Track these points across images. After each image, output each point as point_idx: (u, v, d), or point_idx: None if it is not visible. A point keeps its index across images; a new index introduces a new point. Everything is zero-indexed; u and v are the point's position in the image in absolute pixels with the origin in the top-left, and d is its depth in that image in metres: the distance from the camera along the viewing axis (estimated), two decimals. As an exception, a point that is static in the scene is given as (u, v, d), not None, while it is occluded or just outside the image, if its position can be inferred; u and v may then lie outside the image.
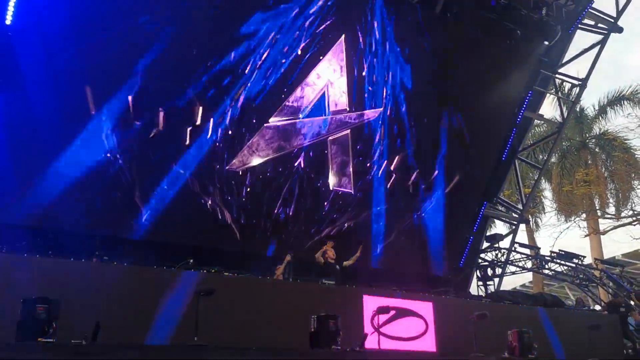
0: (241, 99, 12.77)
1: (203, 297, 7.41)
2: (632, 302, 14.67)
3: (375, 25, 14.54)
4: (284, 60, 13.24)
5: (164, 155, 11.92)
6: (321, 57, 13.85)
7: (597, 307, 18.42)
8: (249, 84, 12.80)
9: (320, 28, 13.61)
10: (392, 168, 15.18)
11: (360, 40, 14.35)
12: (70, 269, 7.89)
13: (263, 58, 12.92)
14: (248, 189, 13.04)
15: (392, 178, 15.20)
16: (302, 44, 13.44)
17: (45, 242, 9.55)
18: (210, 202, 12.51)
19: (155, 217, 11.75)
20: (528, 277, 27.51)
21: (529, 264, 18.34)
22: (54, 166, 10.56)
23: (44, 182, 10.42)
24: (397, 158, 15.24)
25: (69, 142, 10.74)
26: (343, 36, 14.09)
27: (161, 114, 11.71)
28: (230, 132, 12.73)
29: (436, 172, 15.90)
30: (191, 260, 9.26)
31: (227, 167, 12.76)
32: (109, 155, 11.18)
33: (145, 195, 11.66)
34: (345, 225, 14.41)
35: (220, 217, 12.59)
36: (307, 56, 13.56)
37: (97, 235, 10.65)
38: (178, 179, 12.07)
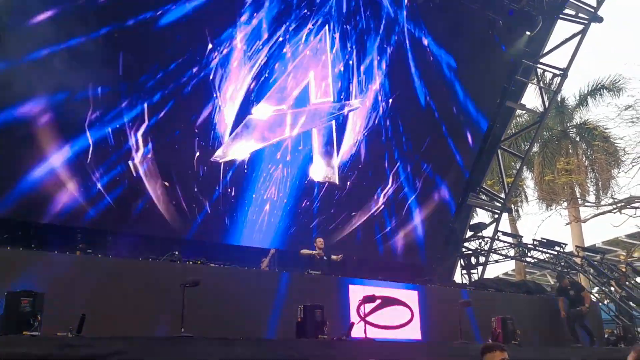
0: (223, 89, 12.68)
1: (189, 289, 7.40)
2: (612, 287, 14.90)
3: (359, 14, 14.54)
4: (267, 51, 13.17)
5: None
6: (305, 47, 13.80)
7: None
8: (231, 74, 12.71)
9: (304, 17, 13.55)
10: (377, 158, 15.23)
11: (345, 30, 14.33)
12: (55, 262, 7.82)
13: (246, 48, 12.84)
14: (231, 180, 12.98)
15: (377, 168, 15.24)
16: (286, 34, 13.37)
17: (28, 235, 9.44)
18: (193, 194, 12.42)
19: (138, 209, 11.64)
20: (511, 265, 27.85)
21: (511, 252, 18.54)
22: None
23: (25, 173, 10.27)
24: (382, 149, 15.29)
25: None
26: (326, 26, 14.05)
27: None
28: (213, 123, 12.64)
29: (421, 161, 15.98)
30: (177, 252, 9.23)
31: (210, 159, 12.67)
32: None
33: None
34: (331, 216, 14.43)
35: (203, 209, 12.52)
36: (290, 46, 13.51)
37: (80, 228, 10.56)
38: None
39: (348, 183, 14.80)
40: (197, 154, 12.46)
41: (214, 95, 12.59)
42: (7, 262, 7.44)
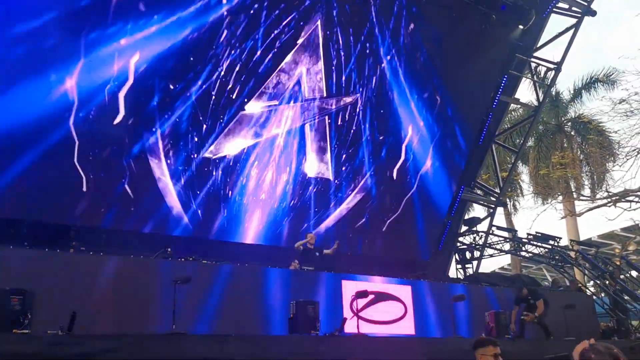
0: (217, 85, 12.64)
1: (180, 286, 7.39)
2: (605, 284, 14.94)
3: (353, 8, 14.50)
4: (259, 46, 13.12)
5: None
6: (297, 42, 13.76)
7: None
8: (223, 71, 12.66)
9: (296, 13, 13.49)
10: (371, 154, 15.21)
11: (338, 25, 14.29)
12: (46, 260, 7.80)
13: (238, 44, 12.79)
14: (223, 177, 12.95)
15: (371, 164, 15.23)
16: (278, 29, 13.32)
17: (19, 233, 9.41)
18: (184, 191, 12.40)
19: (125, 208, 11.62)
20: (506, 259, 27.97)
21: (506, 247, 18.59)
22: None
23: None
24: (376, 144, 15.28)
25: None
26: (319, 20, 14.00)
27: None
28: (206, 120, 12.60)
29: (415, 157, 15.98)
30: (169, 249, 9.21)
31: (202, 155, 12.64)
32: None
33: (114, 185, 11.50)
34: (324, 211, 14.42)
35: (195, 205, 12.49)
36: (283, 42, 13.45)
37: (72, 226, 10.53)
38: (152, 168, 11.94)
39: (342, 178, 14.78)
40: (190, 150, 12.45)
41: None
42: (-2, 260, 7.41)
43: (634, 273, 19.48)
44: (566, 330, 11.61)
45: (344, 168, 14.80)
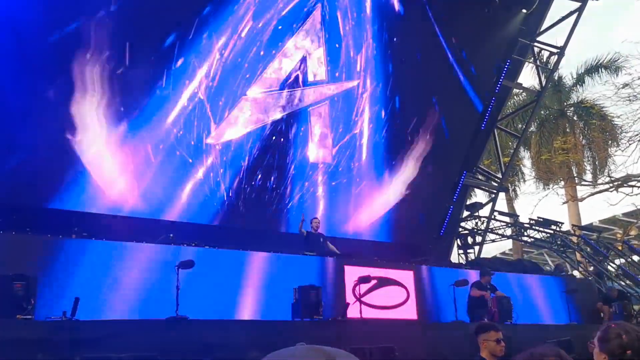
0: (218, 71, 12.58)
1: (183, 271, 7.40)
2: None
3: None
4: (261, 32, 13.02)
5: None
6: (299, 28, 13.65)
7: (576, 273, 18.79)
8: (225, 56, 12.59)
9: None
10: (373, 139, 15.17)
11: (338, 9, 14.17)
12: (49, 246, 7.81)
13: (240, 29, 12.70)
14: (227, 163, 12.94)
15: (373, 149, 15.20)
16: (279, 14, 13.21)
17: (22, 219, 9.40)
18: (186, 177, 12.38)
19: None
20: (508, 244, 27.93)
21: (508, 232, 18.60)
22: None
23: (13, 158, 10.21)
24: (377, 129, 15.23)
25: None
26: (319, 5, 13.87)
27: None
28: (208, 106, 12.55)
29: (417, 142, 15.93)
30: (171, 235, 9.22)
31: (205, 141, 12.61)
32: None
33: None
34: (325, 195, 14.41)
35: (197, 191, 12.48)
36: (284, 27, 13.35)
37: (75, 212, 10.53)
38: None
39: (345, 163, 14.75)
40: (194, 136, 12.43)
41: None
42: (1, 246, 7.42)
43: (635, 258, 19.53)
44: (568, 315, 11.67)
45: (347, 152, 14.76)
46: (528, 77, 23.17)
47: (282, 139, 13.68)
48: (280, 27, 13.29)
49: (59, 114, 10.63)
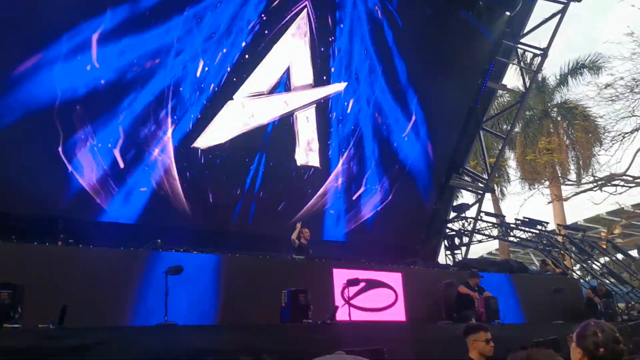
0: (205, 75, 12.55)
1: (171, 276, 7.38)
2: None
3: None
4: (247, 34, 13.02)
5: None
6: (284, 31, 13.65)
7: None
8: (210, 60, 12.56)
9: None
10: (360, 142, 15.22)
11: (325, 13, 14.21)
12: (35, 253, 7.74)
13: (224, 33, 12.68)
14: (213, 167, 12.91)
15: (360, 152, 15.25)
16: (265, 17, 13.22)
17: (6, 227, 9.31)
18: (175, 182, 12.34)
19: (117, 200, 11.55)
20: (494, 245, 28.20)
21: (494, 232, 18.75)
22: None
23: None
24: (364, 132, 15.28)
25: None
26: (306, 9, 13.91)
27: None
28: (193, 111, 12.52)
29: (404, 144, 16.02)
30: (159, 241, 9.17)
31: (191, 146, 12.57)
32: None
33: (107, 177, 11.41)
34: (313, 200, 14.44)
35: (184, 196, 12.44)
36: (270, 30, 13.36)
37: (61, 218, 10.43)
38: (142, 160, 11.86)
39: (331, 166, 14.78)
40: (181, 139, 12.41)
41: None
42: (-14, 254, 7.35)
43: (619, 256, 19.76)
44: (554, 314, 11.77)
45: (332, 156, 14.78)
46: (512, 78, 23.41)
47: (269, 143, 13.66)
48: (266, 32, 13.29)
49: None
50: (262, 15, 13.18)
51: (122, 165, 11.52)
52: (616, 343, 2.59)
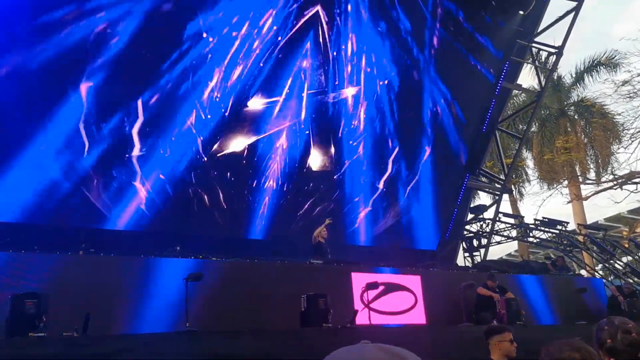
0: (219, 84, 12.66)
1: (191, 283, 7.43)
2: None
3: (350, 4, 14.46)
4: (259, 43, 13.10)
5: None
6: (297, 37, 13.71)
7: (583, 272, 18.76)
8: (225, 69, 12.67)
9: (295, 6, 13.44)
10: (374, 146, 15.21)
11: (337, 18, 14.25)
12: (58, 263, 7.86)
13: (238, 42, 12.78)
14: (229, 174, 13.00)
15: (375, 155, 15.24)
16: (277, 25, 13.30)
17: (29, 238, 9.46)
18: (190, 189, 12.45)
19: (138, 208, 11.69)
20: (513, 246, 27.93)
21: (513, 233, 18.58)
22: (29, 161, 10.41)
23: (20, 177, 10.28)
24: (378, 135, 15.27)
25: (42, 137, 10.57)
26: (319, 14, 13.92)
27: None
28: (209, 118, 12.63)
29: (418, 146, 15.98)
30: (178, 248, 9.25)
31: (208, 153, 12.68)
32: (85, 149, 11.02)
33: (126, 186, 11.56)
34: (330, 204, 14.46)
35: (201, 203, 12.55)
36: (282, 37, 13.43)
37: (81, 228, 10.59)
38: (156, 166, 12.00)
39: (346, 171, 14.79)
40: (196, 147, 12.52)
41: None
42: (11, 265, 7.48)
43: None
44: (577, 314, 11.65)
45: (347, 161, 14.80)
46: (527, 77, 23.22)
47: (284, 148, 13.72)
48: (278, 37, 13.36)
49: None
50: (275, 22, 13.23)
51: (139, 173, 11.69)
52: (627, 334, 2.63)
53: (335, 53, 14.35)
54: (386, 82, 15.20)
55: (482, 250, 18.20)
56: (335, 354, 1.16)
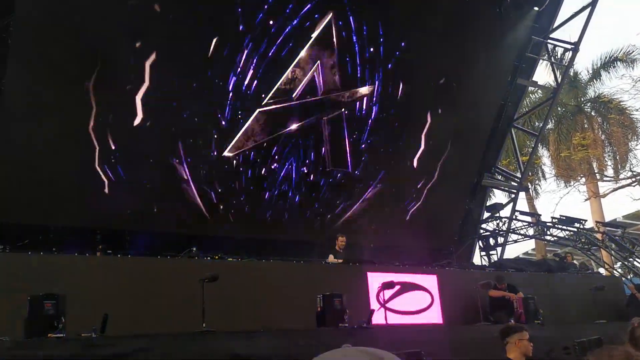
0: (232, 85, 12.69)
1: (208, 284, 7.46)
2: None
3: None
4: (273, 43, 13.09)
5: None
6: (311, 36, 13.67)
7: (602, 270, 18.55)
8: (239, 70, 12.69)
9: (308, 6, 13.40)
10: (390, 144, 15.15)
11: (350, 16, 14.18)
12: (76, 264, 7.94)
13: (252, 41, 12.79)
14: (245, 176, 13.04)
15: (390, 154, 15.18)
16: (291, 24, 13.26)
17: (47, 239, 9.58)
18: (207, 191, 12.50)
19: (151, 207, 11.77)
20: (530, 244, 27.67)
21: (530, 232, 18.40)
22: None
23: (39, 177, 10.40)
24: (393, 134, 15.20)
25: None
26: (331, 13, 13.86)
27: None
28: (223, 120, 12.67)
29: (434, 145, 15.87)
30: (194, 248, 9.29)
31: (223, 154, 12.73)
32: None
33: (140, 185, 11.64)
34: (345, 204, 14.43)
35: (216, 204, 12.60)
36: (296, 37, 13.40)
37: (98, 229, 10.70)
38: (173, 169, 12.06)
39: (361, 169, 14.75)
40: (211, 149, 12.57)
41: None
42: (29, 266, 7.57)
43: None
44: (596, 313, 11.52)
45: (362, 159, 14.75)
46: (543, 74, 23.00)
47: (299, 149, 13.72)
48: (293, 38, 13.34)
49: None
50: (289, 22, 13.21)
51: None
52: None
53: (349, 52, 14.26)
54: (400, 79, 15.09)
55: (499, 249, 18.07)
56: (318, 359, 1.22)
